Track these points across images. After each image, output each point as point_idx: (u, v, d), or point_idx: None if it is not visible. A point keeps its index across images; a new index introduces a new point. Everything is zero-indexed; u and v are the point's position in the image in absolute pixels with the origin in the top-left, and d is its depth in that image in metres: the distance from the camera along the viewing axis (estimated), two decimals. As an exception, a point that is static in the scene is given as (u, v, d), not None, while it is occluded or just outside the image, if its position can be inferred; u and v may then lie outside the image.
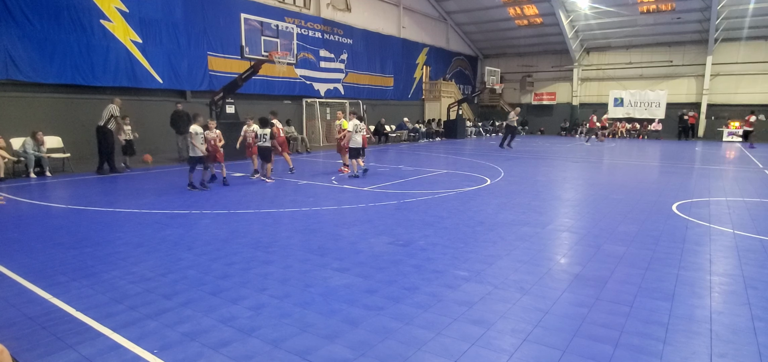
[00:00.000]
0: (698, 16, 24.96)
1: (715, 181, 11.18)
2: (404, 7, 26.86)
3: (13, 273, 4.60)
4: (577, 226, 6.62)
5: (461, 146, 21.88)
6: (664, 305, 3.90)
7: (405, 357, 3.06)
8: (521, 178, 11.49)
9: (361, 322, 3.56)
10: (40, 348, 3.17)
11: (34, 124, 11.82)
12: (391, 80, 26.28)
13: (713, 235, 6.17)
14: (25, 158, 11.19)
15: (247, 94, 17.46)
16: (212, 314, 3.69)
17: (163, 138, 15.16)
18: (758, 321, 3.61)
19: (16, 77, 12.12)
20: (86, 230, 6.27)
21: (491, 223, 6.71)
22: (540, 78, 33.31)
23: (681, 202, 8.35)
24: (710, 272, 4.74)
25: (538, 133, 33.10)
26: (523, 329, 3.46)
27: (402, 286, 4.28)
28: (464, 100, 29.31)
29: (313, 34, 21.02)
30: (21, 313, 3.71)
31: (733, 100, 26.68)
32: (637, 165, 14.85)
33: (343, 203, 8.21)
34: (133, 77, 14.53)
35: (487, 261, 5.01)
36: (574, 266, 4.90)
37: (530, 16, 28.61)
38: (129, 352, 3.12)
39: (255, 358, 3.04)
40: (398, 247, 5.50)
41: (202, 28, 16.46)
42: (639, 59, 29.21)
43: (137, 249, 5.39)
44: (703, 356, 3.11)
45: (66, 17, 12.92)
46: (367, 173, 11.43)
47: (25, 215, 7.25)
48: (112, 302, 3.92)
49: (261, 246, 5.52)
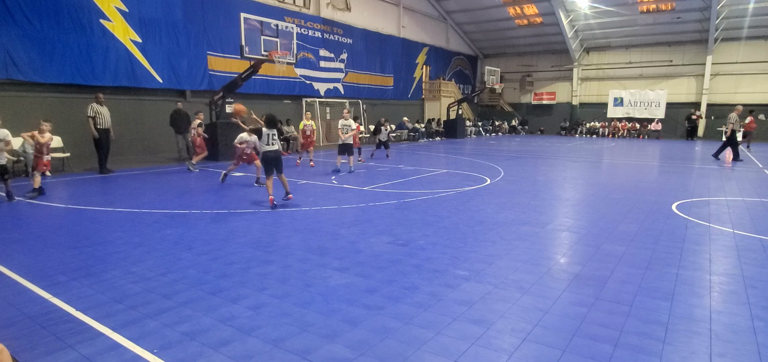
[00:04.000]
0: (698, 16, 24.97)
1: (715, 180, 11.18)
2: (404, 6, 26.85)
3: (12, 272, 4.60)
4: (576, 226, 6.62)
5: (461, 146, 21.88)
6: (664, 304, 3.90)
7: (405, 357, 3.06)
8: (521, 177, 11.49)
9: (360, 322, 3.56)
10: (40, 347, 3.17)
11: (34, 124, 11.79)
12: (391, 80, 26.28)
13: (713, 235, 6.17)
14: (24, 158, 11.18)
15: (246, 93, 17.46)
16: (212, 313, 3.69)
17: (163, 137, 15.15)
18: (758, 321, 3.62)
19: (16, 77, 12.11)
20: (86, 229, 6.26)
21: (491, 223, 6.71)
22: (540, 78, 33.32)
23: (681, 202, 8.35)
24: (710, 272, 4.74)
25: (537, 133, 33.11)
26: (522, 328, 3.46)
27: (402, 286, 4.28)
28: (464, 100, 29.32)
29: (312, 34, 21.01)
30: (21, 313, 3.71)
31: (733, 100, 26.62)
32: (636, 164, 14.85)
33: (343, 203, 8.21)
34: (132, 77, 14.53)
35: (487, 260, 5.01)
36: (574, 265, 4.90)
37: (530, 15, 28.60)
38: (129, 352, 3.12)
39: (255, 358, 3.05)
40: (398, 247, 5.50)
41: (201, 28, 16.46)
42: (639, 59, 29.22)
43: (137, 249, 5.39)
44: (703, 355, 3.11)
45: (66, 17, 12.91)
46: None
47: (24, 215, 7.24)
48: (111, 301, 3.91)
49: (261, 246, 5.52)
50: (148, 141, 15.33)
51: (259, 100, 18.62)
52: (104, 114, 11.67)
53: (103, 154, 11.78)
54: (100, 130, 11.56)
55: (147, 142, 15.31)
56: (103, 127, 11.65)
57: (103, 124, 11.63)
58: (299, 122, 14.87)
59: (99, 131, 11.55)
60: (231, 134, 12.25)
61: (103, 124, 11.65)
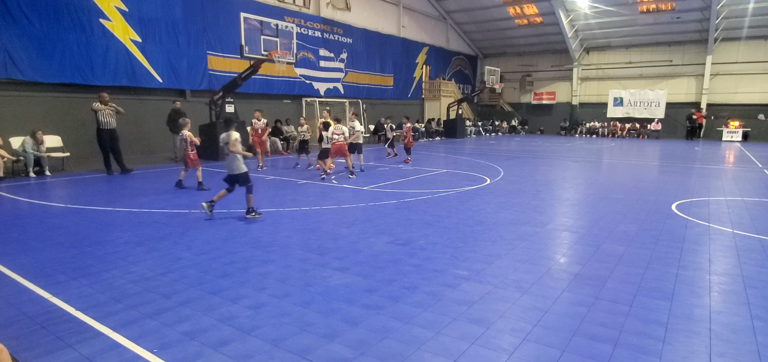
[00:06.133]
0: (698, 16, 24.97)
1: (715, 180, 11.18)
2: (404, 6, 26.85)
3: (12, 272, 4.60)
4: (576, 226, 6.63)
5: (461, 145, 21.88)
6: (664, 304, 3.90)
7: (404, 357, 3.06)
8: (521, 177, 11.49)
9: (360, 321, 3.56)
10: (40, 347, 3.17)
11: (33, 123, 11.81)
12: (391, 79, 26.28)
13: (712, 235, 6.17)
14: (24, 157, 11.18)
15: (246, 93, 17.47)
16: (212, 313, 3.69)
17: (163, 137, 15.14)
18: (757, 321, 3.62)
19: (16, 76, 12.11)
20: (85, 229, 6.26)
21: (491, 223, 6.71)
22: (540, 77, 33.33)
23: (680, 202, 8.35)
24: (709, 271, 4.74)
25: (537, 133, 33.11)
26: (522, 328, 3.46)
27: (401, 285, 4.28)
28: (464, 100, 29.31)
29: (312, 34, 21.01)
30: (20, 312, 3.71)
31: (733, 100, 26.70)
32: (636, 164, 14.85)
33: (343, 202, 8.21)
34: (132, 76, 14.53)
35: (487, 260, 5.01)
36: (574, 265, 4.90)
37: (530, 15, 28.61)
38: (128, 351, 3.12)
39: (254, 357, 3.04)
40: (398, 247, 5.50)
41: (201, 27, 16.46)
42: (639, 59, 29.22)
43: (136, 249, 5.39)
44: (703, 355, 3.11)
45: (65, 16, 12.91)
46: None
47: (24, 214, 7.24)
48: (111, 301, 3.91)
49: (260, 246, 5.51)
50: (148, 141, 15.33)
51: (259, 100, 18.63)
52: (109, 114, 11.41)
53: (118, 153, 11.60)
54: (104, 131, 11.35)
55: (147, 141, 15.31)
56: (108, 128, 11.40)
57: (107, 124, 11.37)
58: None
59: (104, 131, 11.34)
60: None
61: (108, 124, 11.39)
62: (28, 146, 11.18)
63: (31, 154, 11.16)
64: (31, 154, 11.16)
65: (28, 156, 11.13)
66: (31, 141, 11.25)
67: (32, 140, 11.26)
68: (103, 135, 11.42)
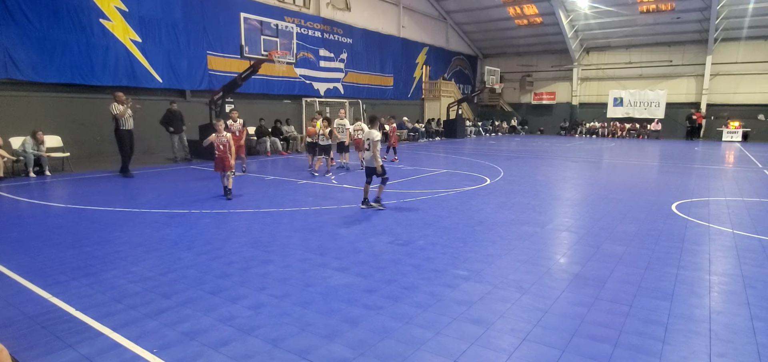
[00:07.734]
0: (698, 16, 24.97)
1: (715, 180, 11.18)
2: (404, 6, 26.85)
3: (12, 272, 4.60)
4: (576, 226, 6.63)
5: (461, 146, 21.88)
6: (664, 304, 3.90)
7: (404, 357, 3.06)
8: (521, 177, 11.49)
9: (360, 321, 3.56)
10: (40, 347, 3.17)
11: (33, 124, 11.80)
12: (391, 80, 26.27)
13: (712, 235, 6.17)
14: (24, 157, 11.17)
15: (246, 93, 17.46)
16: (212, 313, 3.69)
17: (163, 137, 15.12)
18: (757, 321, 3.62)
19: (16, 76, 12.10)
20: (85, 229, 6.26)
21: (491, 223, 6.71)
22: (539, 77, 33.32)
23: (680, 202, 8.35)
24: (709, 272, 4.74)
25: (537, 133, 33.11)
26: (522, 328, 3.46)
27: (401, 286, 4.28)
28: (464, 100, 29.31)
29: (312, 34, 21.01)
30: (20, 312, 3.71)
31: (733, 100, 26.69)
32: (636, 164, 14.85)
33: (343, 202, 8.21)
34: (132, 76, 14.52)
35: (487, 260, 5.01)
36: (574, 265, 4.91)
37: (530, 15, 28.60)
38: (128, 351, 3.12)
39: (254, 357, 3.05)
40: (398, 247, 5.50)
41: (201, 27, 16.45)
42: (639, 59, 29.22)
43: (136, 249, 5.39)
44: (702, 355, 3.11)
45: (65, 16, 12.90)
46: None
47: (24, 214, 7.24)
48: (111, 301, 3.91)
49: (260, 246, 5.52)
50: (148, 141, 15.30)
51: (259, 100, 18.63)
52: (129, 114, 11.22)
53: (126, 156, 11.30)
54: (124, 131, 11.14)
55: (147, 141, 15.28)
56: (127, 128, 11.20)
57: (126, 125, 11.17)
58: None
59: (123, 132, 11.12)
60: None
61: (128, 123, 11.20)
62: (28, 146, 11.18)
63: (31, 154, 11.16)
64: (31, 154, 11.16)
65: (28, 156, 11.13)
66: (32, 141, 11.25)
67: (32, 140, 11.26)
68: (123, 135, 11.16)
